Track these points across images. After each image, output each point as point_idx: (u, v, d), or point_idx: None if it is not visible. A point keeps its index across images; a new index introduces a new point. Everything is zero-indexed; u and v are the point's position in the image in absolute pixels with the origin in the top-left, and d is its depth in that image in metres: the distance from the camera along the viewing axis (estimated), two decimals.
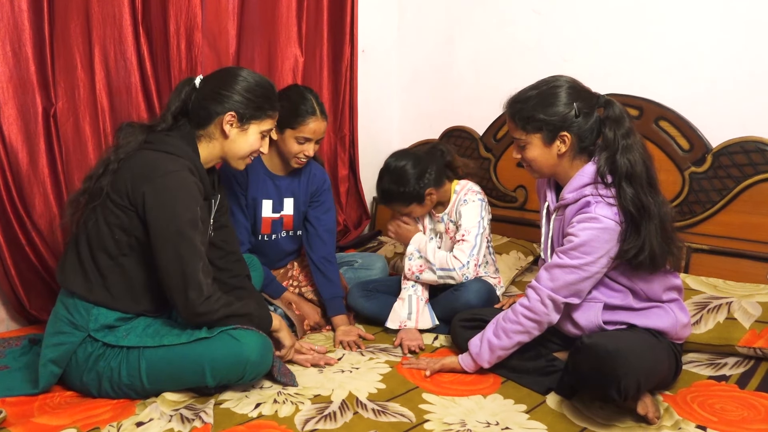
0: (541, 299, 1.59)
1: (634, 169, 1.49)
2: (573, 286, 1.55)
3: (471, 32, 2.92)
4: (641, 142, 1.56)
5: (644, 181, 1.50)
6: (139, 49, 2.14)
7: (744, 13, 2.19)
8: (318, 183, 2.18)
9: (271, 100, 1.68)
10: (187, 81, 1.68)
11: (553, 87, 1.59)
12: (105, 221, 1.54)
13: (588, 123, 1.57)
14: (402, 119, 3.26)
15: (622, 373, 1.38)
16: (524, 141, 1.62)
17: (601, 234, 1.50)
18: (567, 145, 1.58)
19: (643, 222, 1.48)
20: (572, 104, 1.56)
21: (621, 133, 1.53)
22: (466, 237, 2.03)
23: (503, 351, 1.66)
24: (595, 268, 1.52)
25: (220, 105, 1.61)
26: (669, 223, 1.52)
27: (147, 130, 1.62)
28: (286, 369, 1.67)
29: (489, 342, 1.67)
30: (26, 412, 1.48)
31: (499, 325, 1.66)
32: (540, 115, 1.57)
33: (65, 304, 1.57)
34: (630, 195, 1.48)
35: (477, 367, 1.71)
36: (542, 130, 1.58)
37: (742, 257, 2.10)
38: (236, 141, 1.65)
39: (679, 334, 1.62)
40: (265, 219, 2.12)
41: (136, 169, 1.54)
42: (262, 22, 2.55)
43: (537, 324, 1.62)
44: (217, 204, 1.77)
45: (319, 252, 2.15)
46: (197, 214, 1.54)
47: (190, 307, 1.50)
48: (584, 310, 1.62)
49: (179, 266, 1.49)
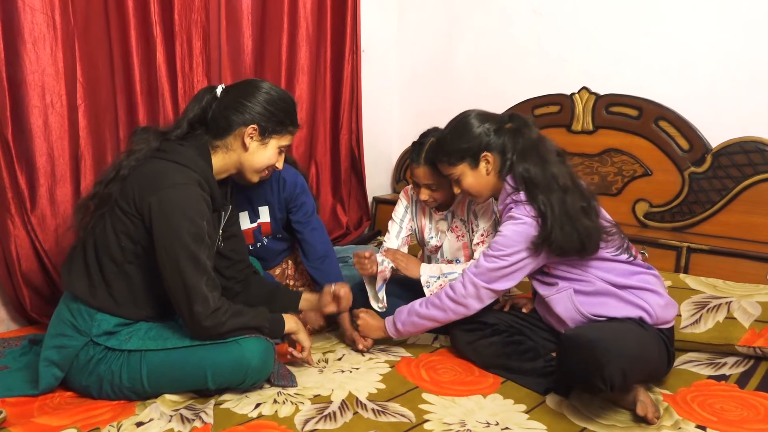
0: (463, 281, 1.74)
1: (530, 173, 1.66)
2: (492, 273, 1.69)
3: (471, 32, 2.93)
4: (547, 146, 1.71)
5: (540, 181, 1.64)
6: (152, 50, 2.15)
7: (743, 14, 2.19)
8: (290, 188, 2.10)
9: (292, 116, 1.68)
10: (208, 89, 1.66)
11: (462, 120, 1.78)
12: (112, 228, 1.53)
13: (501, 138, 1.74)
14: (402, 119, 3.26)
15: (604, 361, 1.38)
16: (456, 174, 1.78)
17: (517, 229, 1.66)
18: (492, 164, 1.74)
19: (547, 218, 1.62)
20: (482, 125, 1.75)
21: (521, 140, 1.70)
22: (486, 239, 2.01)
23: (417, 318, 1.81)
24: (511, 259, 1.67)
25: (241, 116, 1.60)
26: (575, 214, 1.61)
27: (160, 136, 1.60)
28: (285, 371, 1.67)
29: (412, 305, 1.83)
30: (26, 412, 1.48)
31: (428, 297, 1.84)
32: (458, 145, 1.74)
33: (69, 307, 1.56)
34: (524, 175, 1.66)
35: (394, 327, 1.85)
36: (465, 157, 1.75)
37: (741, 257, 2.10)
38: (255, 154, 1.64)
39: (661, 316, 1.62)
40: (246, 231, 2.07)
41: (145, 178, 1.52)
42: (270, 23, 2.56)
43: (452, 303, 1.75)
44: (228, 214, 1.76)
45: (312, 255, 2.12)
46: (203, 228, 1.51)
47: (197, 321, 1.48)
48: (557, 301, 1.70)
49: (182, 280, 1.47)
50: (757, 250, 2.10)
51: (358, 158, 3.03)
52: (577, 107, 2.55)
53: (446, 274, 2.01)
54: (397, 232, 2.18)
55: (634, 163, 2.44)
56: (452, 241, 2.11)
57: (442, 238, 2.14)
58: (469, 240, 2.08)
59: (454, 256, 2.13)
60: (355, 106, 2.97)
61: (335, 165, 2.97)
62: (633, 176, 2.45)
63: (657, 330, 1.62)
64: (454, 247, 2.11)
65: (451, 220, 2.11)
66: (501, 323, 1.84)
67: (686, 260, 2.20)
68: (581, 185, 1.69)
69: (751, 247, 2.13)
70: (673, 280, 2.06)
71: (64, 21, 1.92)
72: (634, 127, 2.42)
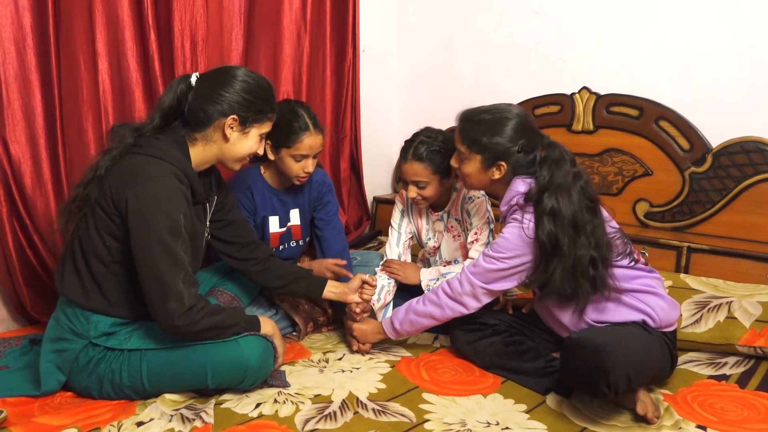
0: (460, 279, 1.72)
1: (560, 208, 1.57)
2: (490, 274, 1.67)
3: (471, 32, 2.92)
4: (585, 184, 1.63)
5: (567, 220, 1.56)
6: (144, 49, 2.13)
7: (744, 14, 2.19)
8: (319, 188, 2.15)
9: (271, 102, 1.65)
10: (182, 78, 1.60)
11: (504, 117, 1.67)
12: (95, 228, 1.51)
13: (527, 159, 1.67)
14: (402, 119, 3.26)
15: (609, 366, 1.38)
16: (465, 156, 1.72)
17: (520, 233, 1.62)
18: (501, 173, 1.69)
19: (554, 259, 1.57)
20: (517, 140, 1.65)
21: (559, 174, 1.61)
22: (479, 236, 2.01)
23: (415, 315, 1.79)
24: (510, 263, 1.64)
25: (220, 107, 1.56)
26: (581, 267, 1.56)
27: (135, 132, 1.56)
28: (275, 371, 1.66)
29: (409, 303, 1.81)
30: (27, 412, 1.48)
31: (425, 294, 1.81)
32: (485, 140, 1.67)
33: (65, 311, 1.56)
34: (548, 229, 1.57)
35: (391, 326, 1.83)
36: (483, 153, 1.68)
37: (742, 257, 2.09)
38: (236, 144, 1.61)
39: (664, 318, 1.61)
40: (273, 234, 2.11)
41: (121, 174, 1.50)
42: (267, 23, 2.55)
43: (449, 300, 1.73)
44: (216, 204, 1.75)
45: (329, 253, 2.15)
46: (179, 221, 1.49)
47: (169, 318, 1.45)
48: (562, 309, 1.68)
49: (157, 275, 1.44)
50: (758, 250, 2.10)
51: (357, 158, 3.03)
52: (578, 107, 2.55)
53: (444, 274, 2.01)
54: (397, 239, 2.19)
55: (635, 163, 2.43)
56: (449, 241, 2.11)
57: (439, 239, 2.14)
58: (465, 239, 2.08)
59: (452, 257, 2.13)
60: (353, 106, 2.97)
61: (335, 164, 2.97)
62: (633, 176, 2.45)
63: (661, 333, 1.61)
64: (451, 248, 2.12)
65: (447, 220, 2.11)
66: (501, 323, 1.84)
67: (687, 260, 2.20)
68: (604, 241, 1.60)
69: (751, 247, 2.12)
70: (674, 280, 2.05)
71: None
72: (635, 127, 2.42)
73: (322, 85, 2.81)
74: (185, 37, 2.20)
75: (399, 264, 2.10)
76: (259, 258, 1.85)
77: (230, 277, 1.99)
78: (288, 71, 2.64)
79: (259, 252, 1.86)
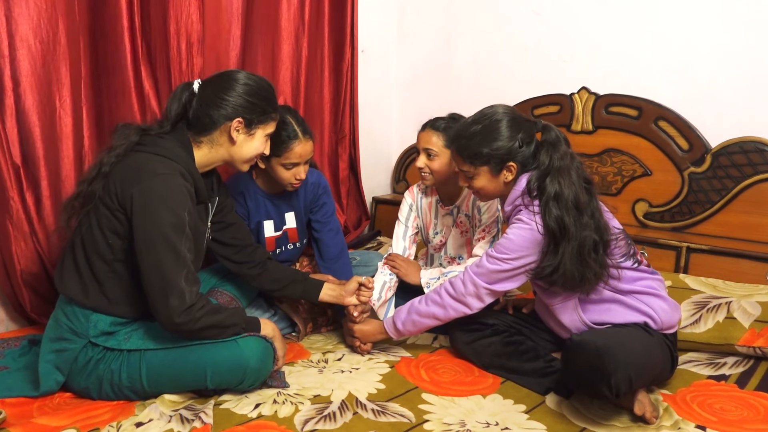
0: (463, 279, 1.71)
1: (562, 191, 1.58)
2: (493, 274, 1.67)
3: (470, 32, 2.93)
4: (579, 165, 1.65)
5: (570, 202, 1.57)
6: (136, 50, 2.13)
7: (743, 14, 2.19)
8: (314, 190, 2.14)
9: (274, 102, 1.67)
10: (185, 86, 1.64)
11: (494, 121, 1.68)
12: (98, 225, 1.51)
13: (531, 150, 1.68)
14: (401, 119, 3.26)
15: (612, 369, 1.38)
16: (472, 173, 1.72)
17: (525, 234, 1.62)
18: (513, 173, 1.69)
19: (562, 242, 1.57)
20: (515, 136, 1.66)
21: (556, 156, 1.62)
22: (486, 234, 2.01)
23: (417, 315, 1.78)
24: (514, 264, 1.64)
25: (224, 111, 1.58)
26: (587, 248, 1.56)
27: (141, 132, 1.59)
28: (274, 372, 1.66)
29: (411, 303, 1.80)
30: (26, 412, 1.48)
31: (428, 294, 1.81)
32: (486, 150, 1.66)
33: (64, 311, 1.56)
34: (555, 214, 1.57)
35: (393, 327, 1.82)
36: (489, 163, 1.68)
37: (741, 257, 2.10)
38: (243, 146, 1.63)
39: (665, 320, 1.62)
40: (269, 238, 2.10)
41: (126, 171, 1.50)
42: (265, 23, 2.55)
43: (452, 300, 1.72)
44: (217, 206, 1.76)
45: (327, 255, 2.14)
46: (184, 219, 1.49)
47: (170, 315, 1.45)
48: (561, 310, 1.68)
49: (161, 272, 1.45)
50: (757, 250, 2.10)
51: (356, 158, 3.03)
52: (577, 107, 2.55)
53: (446, 273, 2.01)
54: (403, 232, 2.19)
55: (634, 163, 2.44)
56: (456, 236, 2.12)
57: (447, 234, 2.14)
58: (472, 235, 2.08)
59: (457, 253, 2.13)
60: (352, 107, 2.97)
61: (333, 165, 2.97)
62: (633, 176, 2.45)
63: (662, 335, 1.61)
64: (458, 243, 2.11)
65: (457, 215, 2.11)
66: (501, 323, 1.84)
67: (686, 260, 2.20)
68: (602, 223, 1.61)
69: (750, 247, 2.13)
70: (673, 280, 2.06)
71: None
72: (634, 127, 2.42)
73: (321, 85, 2.81)
74: (181, 37, 2.19)
75: (403, 260, 2.11)
76: (256, 261, 1.85)
77: (229, 278, 1.99)
78: (286, 72, 2.63)
79: (256, 255, 1.86)
